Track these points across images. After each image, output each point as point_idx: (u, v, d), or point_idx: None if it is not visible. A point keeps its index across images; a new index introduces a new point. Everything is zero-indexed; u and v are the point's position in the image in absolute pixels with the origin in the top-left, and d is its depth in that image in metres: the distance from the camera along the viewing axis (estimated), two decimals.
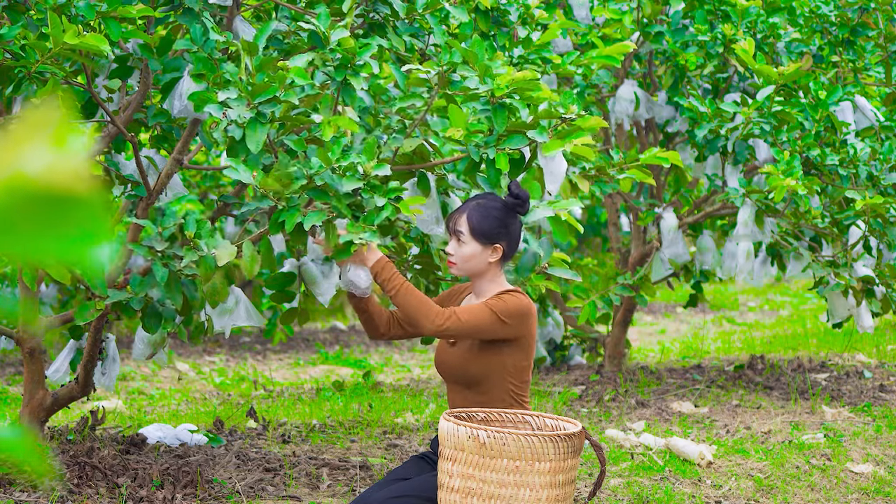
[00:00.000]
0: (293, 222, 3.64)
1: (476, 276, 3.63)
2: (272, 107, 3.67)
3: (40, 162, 0.87)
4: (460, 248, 3.59)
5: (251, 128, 3.65)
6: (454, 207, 4.27)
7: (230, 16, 4.17)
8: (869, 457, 5.66)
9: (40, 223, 0.87)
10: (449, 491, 3.30)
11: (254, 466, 4.96)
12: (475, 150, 3.84)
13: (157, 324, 4.14)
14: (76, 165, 0.88)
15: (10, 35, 3.78)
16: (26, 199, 0.87)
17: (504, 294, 3.57)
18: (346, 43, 3.84)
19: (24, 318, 4.63)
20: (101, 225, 0.88)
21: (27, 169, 0.87)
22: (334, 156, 3.62)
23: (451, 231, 3.62)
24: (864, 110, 6.27)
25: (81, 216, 0.87)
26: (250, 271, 3.87)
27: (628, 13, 6.34)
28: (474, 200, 3.65)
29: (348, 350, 9.48)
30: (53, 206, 0.87)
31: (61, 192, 0.87)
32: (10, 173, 0.87)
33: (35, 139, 0.88)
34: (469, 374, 3.58)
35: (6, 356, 8.13)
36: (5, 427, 0.96)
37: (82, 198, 0.87)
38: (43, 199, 0.87)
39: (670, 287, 7.72)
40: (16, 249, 0.87)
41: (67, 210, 0.87)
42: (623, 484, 5.01)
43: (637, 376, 7.30)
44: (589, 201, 10.43)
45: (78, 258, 0.88)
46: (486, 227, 3.58)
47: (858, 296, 6.14)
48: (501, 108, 3.83)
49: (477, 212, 3.59)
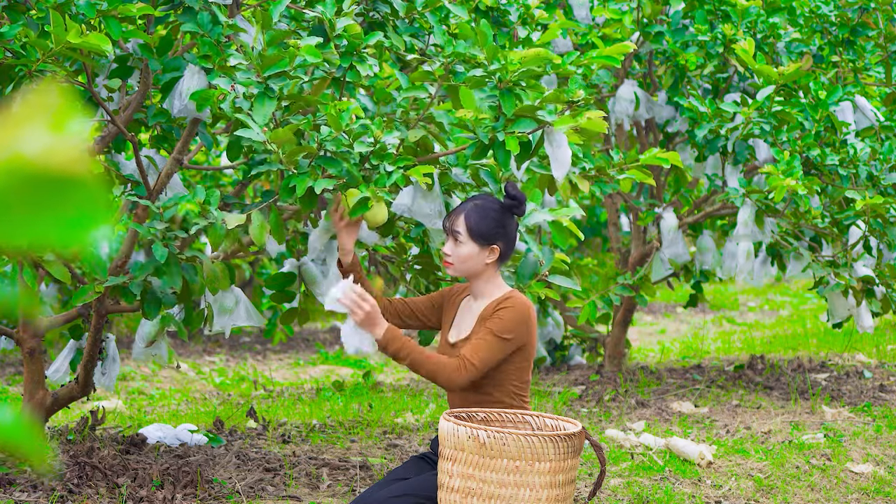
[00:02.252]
0: (304, 187, 3.64)
1: (473, 276, 3.63)
2: (281, 81, 3.68)
3: (39, 144, 0.87)
4: (457, 249, 3.59)
5: (259, 101, 3.65)
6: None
7: (231, 14, 4.17)
8: (869, 457, 5.66)
9: (38, 205, 0.87)
10: (449, 491, 3.30)
11: (254, 466, 4.96)
12: (484, 134, 3.83)
13: (156, 309, 4.14)
14: (74, 148, 0.88)
15: (10, 34, 3.78)
16: (25, 181, 0.87)
17: (501, 307, 3.54)
18: (352, 30, 3.85)
19: (24, 317, 4.62)
20: (99, 207, 0.88)
21: (26, 151, 0.87)
22: (343, 121, 3.63)
23: (448, 231, 3.62)
24: (864, 110, 6.27)
25: (79, 198, 0.87)
26: (259, 239, 3.86)
27: (628, 13, 6.34)
28: (472, 201, 3.64)
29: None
30: (52, 188, 0.87)
31: (60, 174, 0.87)
32: (8, 155, 0.87)
33: (34, 121, 0.88)
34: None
35: (6, 356, 8.13)
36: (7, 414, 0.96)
37: (80, 180, 0.87)
38: (41, 181, 0.87)
39: (670, 287, 7.72)
40: (14, 232, 0.87)
41: (66, 192, 0.87)
42: (623, 484, 5.00)
43: (637, 376, 7.30)
44: (589, 201, 10.44)
45: (76, 240, 0.88)
46: (484, 227, 3.57)
47: (858, 296, 6.14)
48: (509, 93, 3.83)
49: (475, 212, 3.59)
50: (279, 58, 3.65)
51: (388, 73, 4.32)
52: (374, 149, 3.69)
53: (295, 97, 3.76)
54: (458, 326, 3.67)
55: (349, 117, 3.67)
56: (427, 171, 3.77)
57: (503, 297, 3.59)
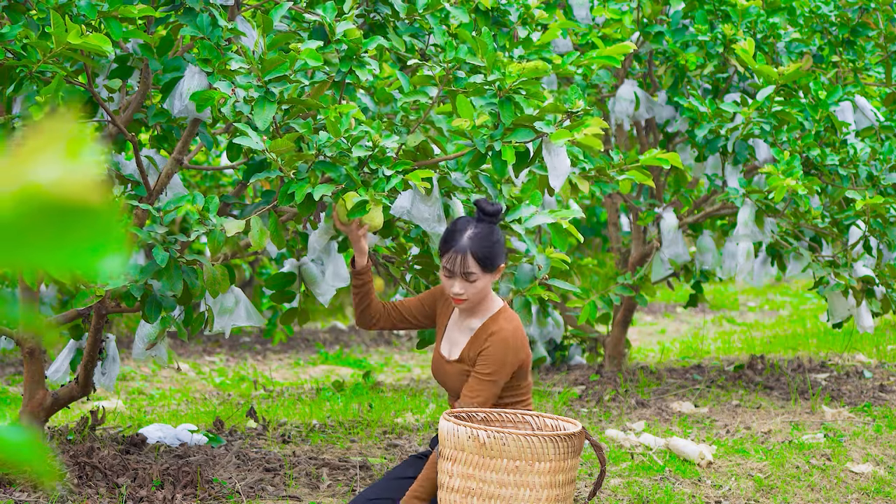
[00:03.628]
0: (303, 193, 3.65)
1: (483, 299, 3.63)
2: (281, 85, 3.68)
3: (53, 172, 0.87)
4: (472, 286, 3.55)
5: (259, 105, 3.65)
6: (455, 209, 4.27)
7: (231, 15, 4.17)
8: (869, 457, 5.66)
9: (52, 234, 0.87)
10: (449, 491, 3.30)
11: (254, 466, 4.96)
12: (481, 142, 3.83)
13: (156, 312, 4.14)
14: (88, 176, 0.88)
15: (11, 34, 3.78)
16: (38, 210, 0.87)
17: (486, 345, 3.52)
18: (352, 34, 3.85)
19: (24, 317, 4.62)
20: (112, 236, 0.88)
21: (40, 179, 0.87)
22: (342, 126, 3.63)
23: (456, 274, 3.55)
24: (864, 110, 6.27)
25: (93, 227, 0.87)
26: (259, 244, 3.86)
27: (628, 13, 6.34)
28: (463, 234, 3.56)
29: (348, 350, 9.48)
30: (65, 217, 0.87)
31: (73, 203, 0.87)
32: (22, 183, 0.87)
33: (47, 149, 0.88)
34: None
35: (6, 356, 8.13)
36: (8, 427, 0.96)
37: (94, 209, 0.87)
38: (55, 210, 0.87)
39: (670, 287, 7.71)
40: (26, 260, 0.87)
41: (79, 221, 0.87)
42: (623, 484, 5.01)
43: (637, 376, 7.30)
44: (589, 201, 10.44)
45: (89, 269, 0.88)
46: (491, 254, 3.55)
47: (858, 296, 6.14)
48: (508, 102, 3.83)
49: (477, 246, 3.54)
50: (280, 62, 3.65)
51: (389, 73, 4.32)
52: (373, 153, 3.69)
53: (295, 101, 3.76)
54: (449, 339, 3.66)
55: (348, 122, 3.67)
56: (426, 176, 3.77)
57: (491, 319, 3.57)
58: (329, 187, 3.65)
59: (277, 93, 3.67)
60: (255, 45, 3.75)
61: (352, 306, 11.50)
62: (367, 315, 3.76)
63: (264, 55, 3.69)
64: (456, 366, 3.58)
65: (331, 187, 3.66)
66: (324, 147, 3.65)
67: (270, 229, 3.95)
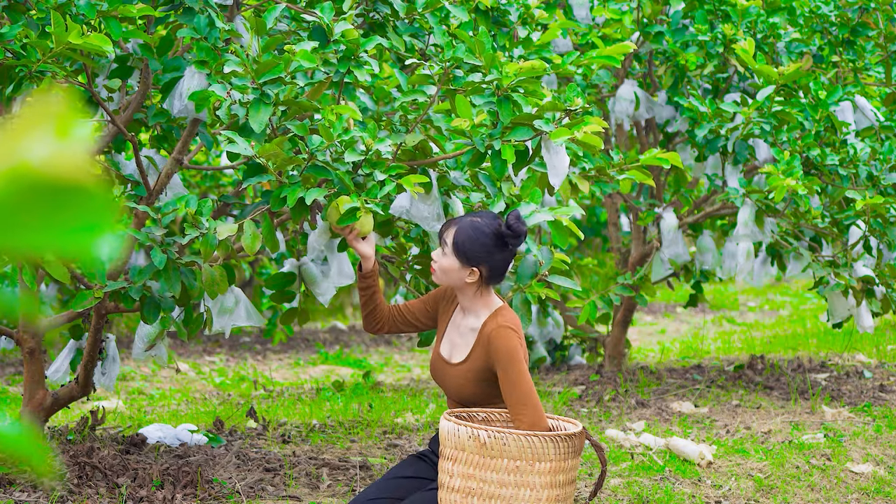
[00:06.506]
0: (295, 197, 3.64)
1: (456, 289, 3.61)
2: (277, 87, 3.67)
3: (44, 152, 0.87)
4: (442, 259, 3.56)
5: (255, 107, 3.64)
6: (455, 208, 4.26)
7: (230, 15, 4.17)
8: (869, 457, 5.66)
9: (44, 213, 0.87)
10: (449, 491, 3.30)
11: (254, 466, 4.96)
12: (480, 142, 3.83)
13: (155, 314, 4.14)
14: (80, 156, 0.88)
15: (11, 34, 3.78)
16: (30, 189, 0.86)
17: (496, 326, 3.50)
18: (350, 35, 3.85)
19: (24, 317, 4.62)
20: (104, 216, 0.88)
21: (31, 158, 0.87)
22: (336, 131, 3.62)
23: (440, 237, 3.60)
24: (864, 110, 6.27)
25: (85, 207, 0.87)
26: (252, 249, 3.86)
27: (628, 13, 6.34)
28: (471, 217, 3.57)
29: (348, 350, 9.48)
30: (57, 197, 0.87)
31: (65, 183, 0.87)
32: (13, 163, 0.87)
33: (39, 129, 0.88)
34: (464, 397, 3.58)
35: (6, 356, 8.13)
36: (8, 424, 0.96)
37: (86, 188, 0.87)
38: (47, 190, 0.87)
39: (670, 287, 7.72)
40: (19, 240, 0.87)
41: (71, 200, 0.87)
42: (623, 484, 5.01)
43: (637, 376, 7.30)
44: (589, 201, 10.44)
45: (80, 249, 0.88)
46: (469, 248, 3.52)
47: (858, 296, 6.14)
48: (507, 101, 3.83)
49: (467, 230, 3.52)
50: (274, 64, 3.65)
51: (389, 73, 4.32)
52: (367, 156, 3.67)
53: (291, 102, 3.76)
54: (450, 341, 3.65)
55: (343, 125, 3.66)
56: (420, 181, 3.75)
57: (491, 316, 3.55)
58: (321, 191, 3.64)
59: (273, 95, 3.66)
60: (248, 48, 3.75)
61: (352, 306, 11.50)
62: (374, 318, 3.76)
63: (258, 57, 3.68)
64: (459, 367, 3.57)
65: (323, 191, 3.65)
66: (316, 151, 3.65)
67: (264, 233, 3.94)
